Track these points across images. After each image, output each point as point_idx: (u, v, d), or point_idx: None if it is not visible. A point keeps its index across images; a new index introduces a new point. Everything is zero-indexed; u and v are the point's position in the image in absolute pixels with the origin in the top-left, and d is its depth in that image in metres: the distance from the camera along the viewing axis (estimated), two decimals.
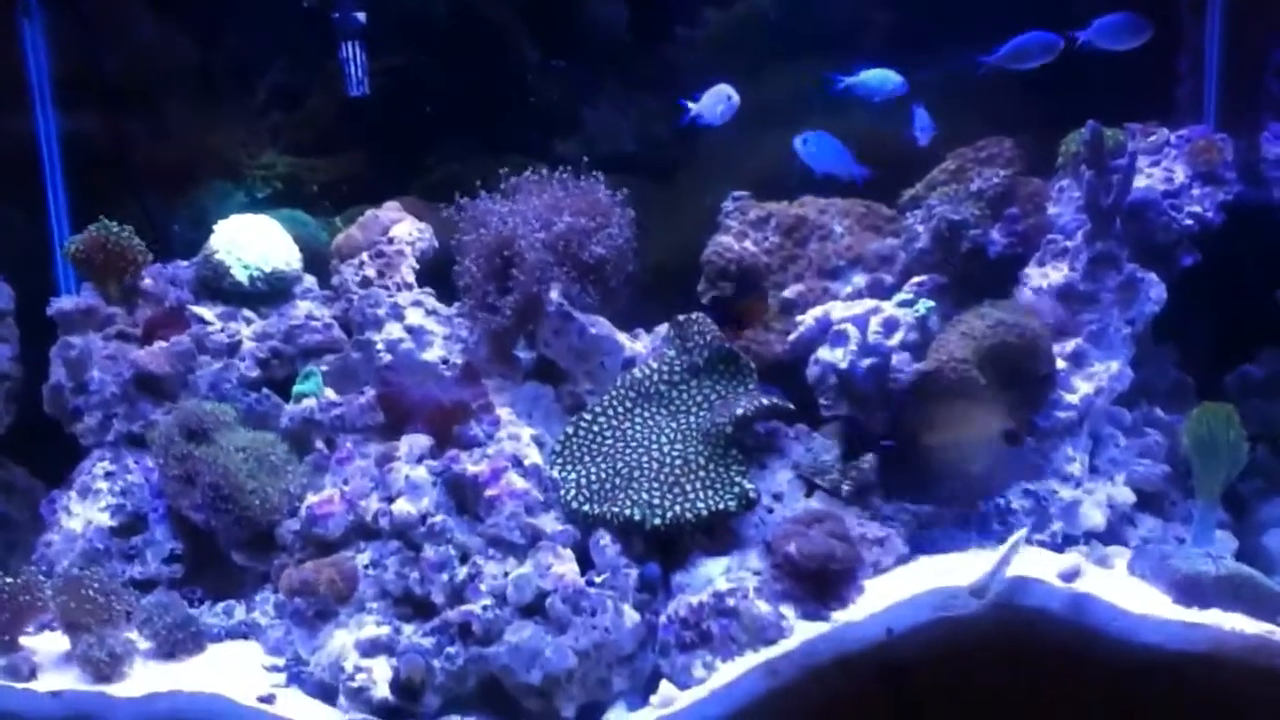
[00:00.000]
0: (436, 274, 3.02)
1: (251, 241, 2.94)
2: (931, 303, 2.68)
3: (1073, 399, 2.64)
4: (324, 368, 2.83)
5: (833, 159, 2.84)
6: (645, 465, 2.55)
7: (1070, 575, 2.32)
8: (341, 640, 2.37)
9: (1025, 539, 2.37)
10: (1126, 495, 2.66)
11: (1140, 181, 2.74)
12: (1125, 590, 2.34)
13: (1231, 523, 2.70)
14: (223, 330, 2.89)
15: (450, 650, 2.33)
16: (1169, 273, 2.73)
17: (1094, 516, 2.60)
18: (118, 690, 2.32)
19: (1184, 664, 2.21)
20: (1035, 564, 2.37)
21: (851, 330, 2.55)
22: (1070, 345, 2.67)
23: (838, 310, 2.63)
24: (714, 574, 2.44)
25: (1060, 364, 2.64)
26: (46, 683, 2.35)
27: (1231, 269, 2.76)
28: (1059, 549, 2.54)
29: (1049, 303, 2.68)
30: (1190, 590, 2.30)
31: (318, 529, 2.49)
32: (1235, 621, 2.23)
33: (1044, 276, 2.73)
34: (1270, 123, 2.81)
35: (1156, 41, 3.02)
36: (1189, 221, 2.72)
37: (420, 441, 2.54)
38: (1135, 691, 2.23)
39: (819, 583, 2.36)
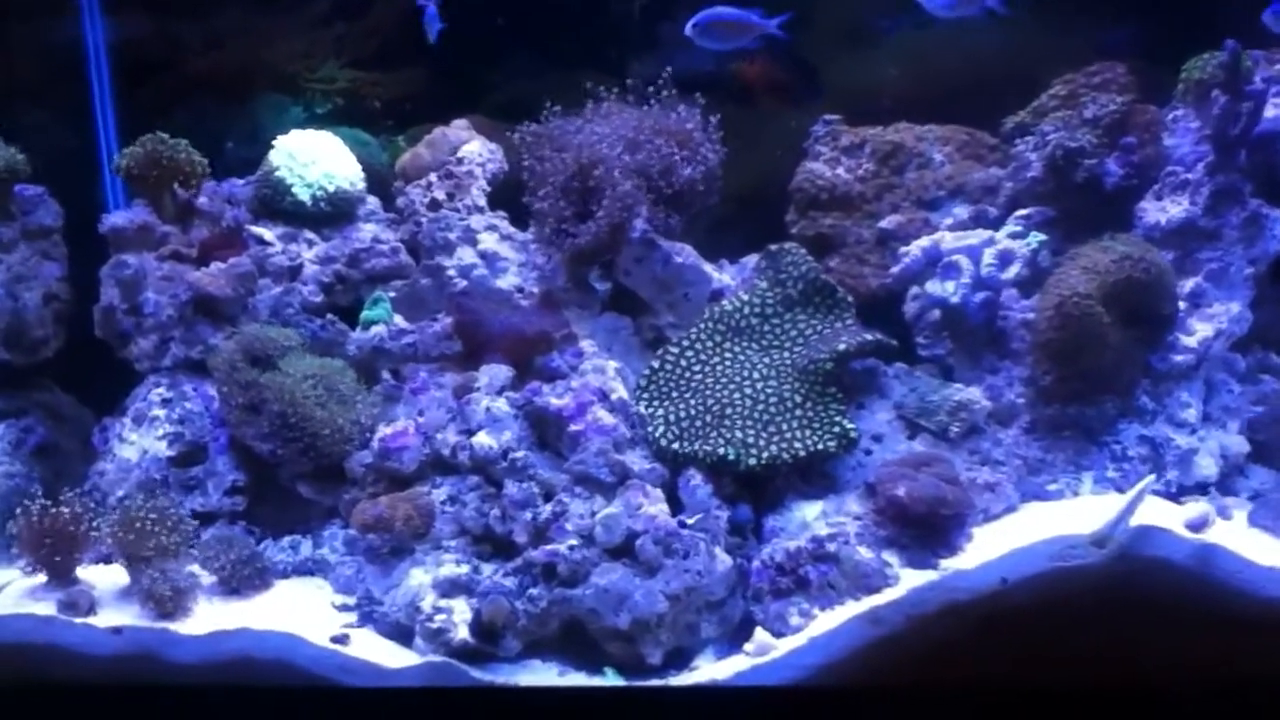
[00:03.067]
0: (507, 197, 2.86)
1: (314, 158, 2.78)
2: (1044, 236, 2.52)
3: (1190, 342, 2.48)
4: (392, 294, 2.69)
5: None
6: (737, 402, 2.41)
7: (1198, 525, 2.18)
8: (418, 579, 2.24)
9: (1149, 487, 2.23)
10: (1240, 444, 2.51)
11: (1268, 113, 2.55)
12: (1249, 542, 2.21)
13: None
14: (284, 252, 2.74)
15: (533, 592, 2.21)
16: None
17: (1208, 465, 2.45)
18: (182, 627, 2.21)
19: None
20: (1157, 513, 2.23)
21: (964, 262, 2.40)
22: (1189, 284, 2.51)
23: (948, 241, 2.46)
24: (809, 517, 2.32)
25: (1182, 305, 2.48)
26: (107, 618, 2.23)
27: None
28: (1174, 498, 2.39)
29: None
30: None
31: (391, 462, 2.36)
32: None
33: (1162, 211, 2.55)
34: None
35: None
36: None
37: (501, 372, 2.40)
38: (1264, 647, 2.10)
39: (927, 528, 2.22)
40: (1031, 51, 2.90)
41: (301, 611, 2.30)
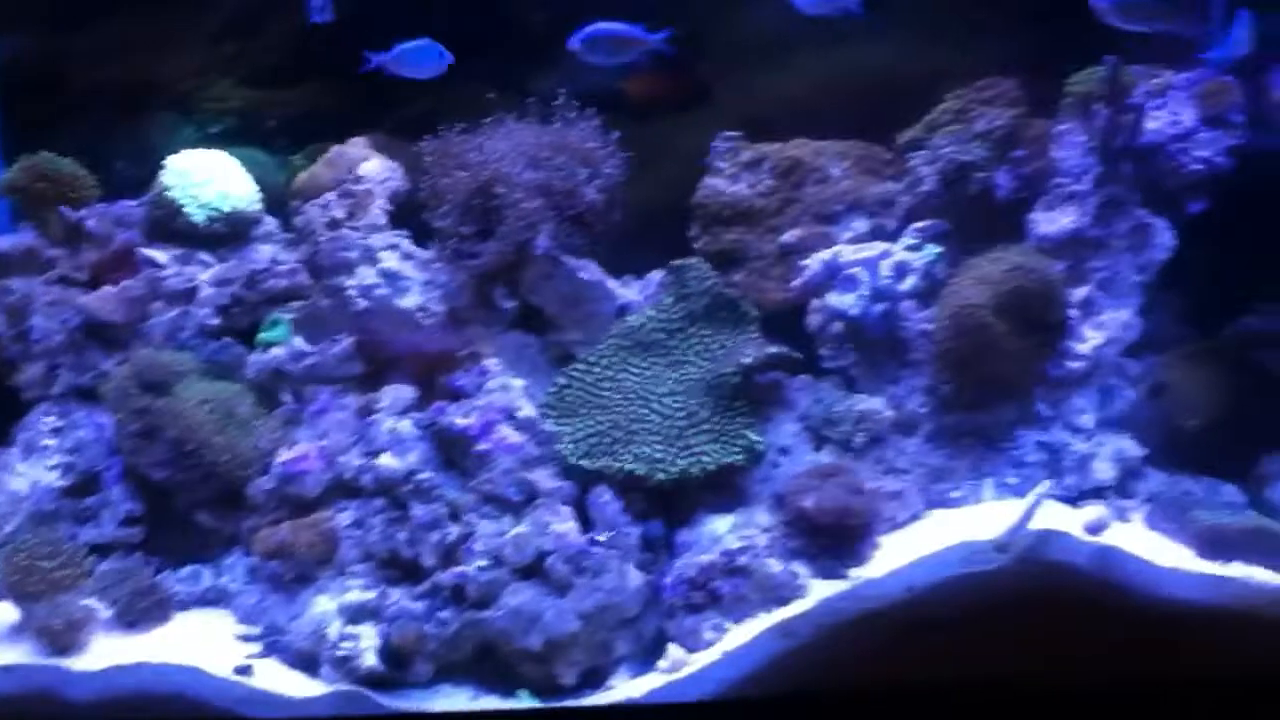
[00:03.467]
0: (409, 215, 2.82)
1: (208, 178, 2.71)
2: (939, 248, 2.57)
3: (1083, 349, 2.55)
4: (291, 315, 2.63)
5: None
6: (645, 417, 2.41)
7: (1096, 528, 2.25)
8: (323, 606, 2.20)
9: (1047, 492, 2.29)
10: (1135, 448, 2.59)
11: (1149, 124, 2.64)
12: (1147, 544, 2.28)
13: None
14: (178, 274, 2.67)
15: (443, 615, 2.18)
16: (1177, 218, 2.65)
17: (1105, 469, 2.52)
18: (77, 663, 2.13)
19: (1213, 617, 2.16)
20: (1057, 517, 2.29)
21: (862, 274, 2.44)
22: (1080, 293, 2.58)
23: (846, 253, 2.50)
24: (720, 531, 2.32)
25: (1071, 312, 2.55)
26: None
27: (1239, 215, 2.69)
28: (1073, 503, 2.45)
29: None
30: (1214, 543, 2.25)
31: (293, 487, 2.31)
32: (1259, 574, 2.18)
33: (1052, 221, 2.62)
34: (1275, 65, 2.74)
35: None
36: (1198, 166, 2.64)
37: (404, 392, 2.37)
38: (1165, 646, 2.16)
39: (835, 539, 2.25)
40: (926, 67, 2.97)
41: (203, 643, 2.24)
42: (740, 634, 2.19)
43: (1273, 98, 2.69)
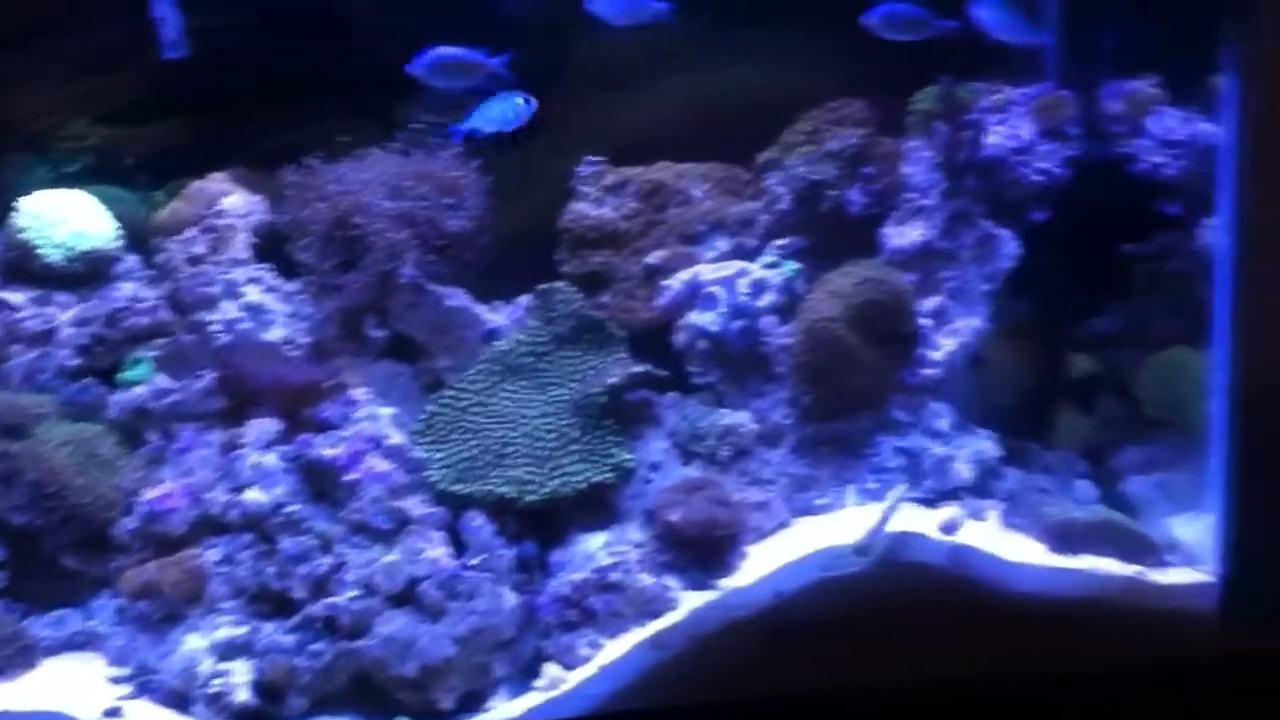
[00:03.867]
0: (274, 249, 2.81)
1: (63, 218, 2.65)
2: (797, 264, 2.66)
3: (937, 355, 2.65)
4: (154, 353, 2.60)
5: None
6: (516, 440, 2.44)
7: (950, 528, 2.34)
8: (194, 644, 2.18)
9: (903, 495, 2.38)
10: (992, 449, 2.70)
11: (989, 139, 2.77)
12: (1002, 541, 2.38)
13: (1091, 472, 2.77)
14: (36, 316, 2.61)
15: (316, 647, 2.17)
16: (1020, 228, 2.78)
17: (963, 471, 2.62)
18: None
19: (1063, 608, 2.26)
20: (914, 519, 2.38)
21: (720, 292, 2.50)
22: (932, 303, 2.69)
23: (706, 272, 2.57)
24: (593, 549, 2.36)
25: (924, 321, 2.65)
26: None
27: (1078, 223, 2.83)
28: (933, 504, 2.54)
29: None
30: (1063, 536, 2.35)
31: (159, 525, 2.28)
32: (1107, 565, 2.30)
33: (902, 235, 2.73)
34: (1106, 79, 2.89)
35: None
36: (1038, 177, 2.77)
37: (269, 426, 2.35)
38: (1018, 638, 2.26)
39: (703, 550, 2.30)
40: (786, 90, 3.06)
41: (72, 688, 2.19)
42: (615, 649, 2.23)
43: (1103, 110, 2.84)
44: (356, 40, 2.99)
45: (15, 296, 2.63)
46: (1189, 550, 2.33)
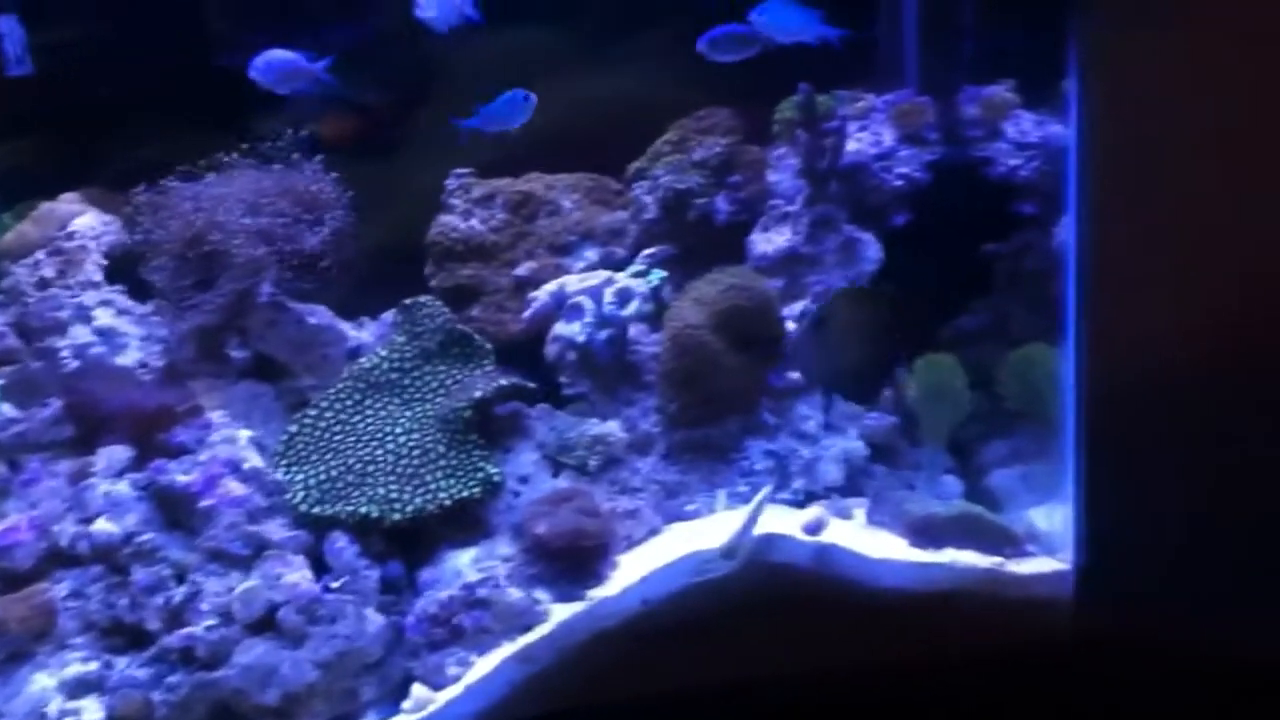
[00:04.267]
0: (127, 270, 2.73)
1: None
2: (664, 272, 2.66)
3: None
4: (1, 381, 2.50)
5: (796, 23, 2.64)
6: (380, 458, 2.40)
7: (814, 528, 2.35)
8: (42, 683, 2.09)
9: (769, 497, 2.38)
10: (860, 448, 2.73)
11: (851, 146, 2.81)
12: (866, 538, 2.40)
13: (957, 467, 2.82)
14: None
15: (171, 680, 2.10)
16: (883, 232, 2.82)
17: (832, 471, 2.64)
18: None
19: (925, 601, 2.29)
20: (781, 521, 2.39)
21: (586, 302, 2.50)
22: (798, 306, 2.71)
23: (572, 283, 2.56)
24: (462, 565, 2.33)
25: (790, 325, 2.67)
26: None
27: (939, 225, 2.88)
28: (802, 505, 2.56)
29: None
30: (924, 531, 2.38)
31: (3, 561, 2.19)
32: (967, 557, 2.33)
33: (769, 241, 2.76)
34: (964, 85, 2.95)
35: (860, 8, 3.14)
36: (899, 182, 2.82)
37: (119, 453, 2.28)
38: (883, 632, 2.28)
39: (572, 562, 2.28)
40: (657, 100, 3.07)
41: None
42: (485, 665, 2.19)
43: (961, 115, 2.90)
44: (211, 52, 2.93)
45: None
46: (1049, 540, 2.38)
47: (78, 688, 2.09)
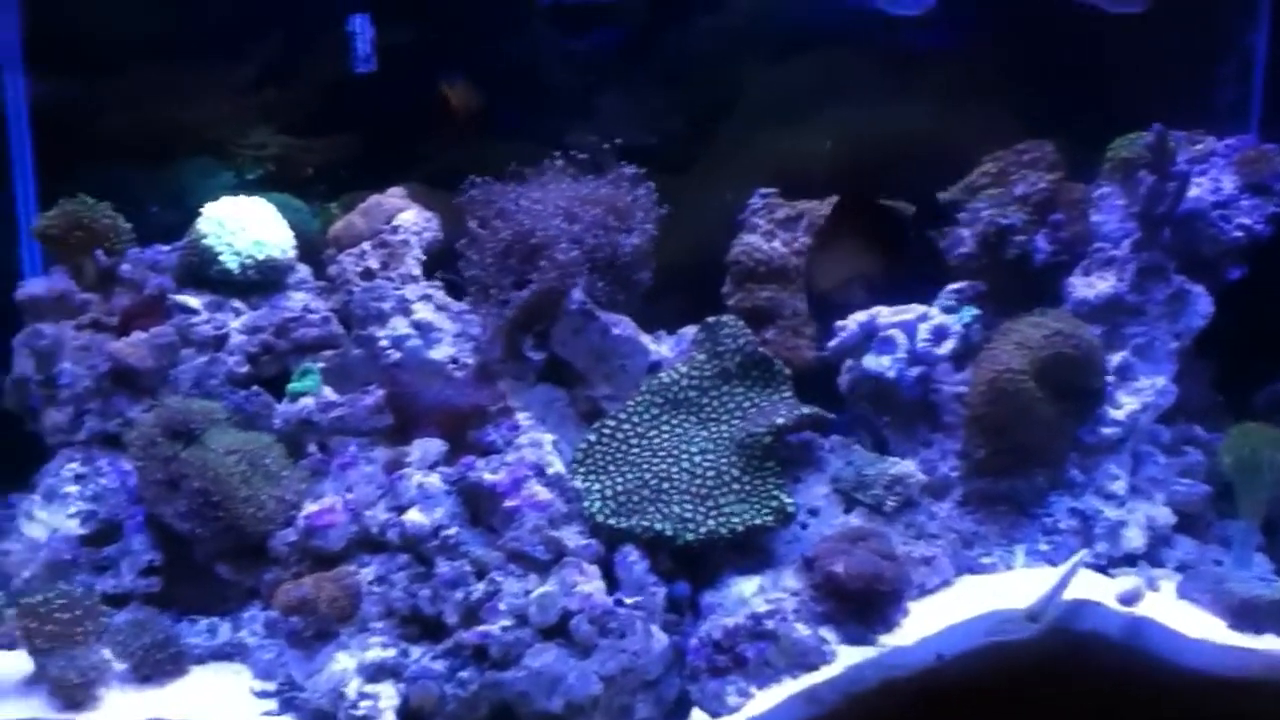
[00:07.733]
0: (443, 266, 2.82)
1: (243, 225, 2.70)
2: (976, 310, 2.54)
3: (1118, 414, 2.51)
4: (321, 364, 2.62)
5: None
6: (675, 476, 2.38)
7: (1130, 598, 2.20)
8: (343, 664, 2.16)
9: (1083, 562, 2.24)
10: (1167, 516, 2.54)
11: (1189, 191, 2.62)
12: (1178, 614, 2.23)
13: (1266, 545, 2.59)
14: (209, 321, 2.65)
15: (463, 675, 2.13)
16: (1214, 285, 2.62)
17: (1135, 537, 2.47)
18: (90, 718, 2.10)
19: (1242, 690, 2.11)
20: (1090, 587, 2.24)
21: (899, 336, 2.40)
22: (1116, 359, 2.54)
23: (885, 314, 2.47)
24: (746, 593, 2.28)
25: (1107, 378, 2.51)
26: (8, 710, 2.11)
27: (1273, 283, 2.66)
28: (1104, 570, 2.40)
29: None
30: (1247, 615, 2.21)
31: (317, 540, 2.28)
32: None
33: (1090, 286, 2.60)
34: None
35: (1193, 45, 2.93)
36: (1238, 234, 2.61)
37: (434, 446, 2.34)
38: (1187, 715, 2.11)
39: (864, 604, 2.20)
40: (961, 128, 2.96)
41: (218, 699, 2.21)
42: (765, 699, 2.14)
43: None
44: (528, 64, 3.00)
45: (192, 301, 2.67)
46: None
47: (377, 672, 2.14)
